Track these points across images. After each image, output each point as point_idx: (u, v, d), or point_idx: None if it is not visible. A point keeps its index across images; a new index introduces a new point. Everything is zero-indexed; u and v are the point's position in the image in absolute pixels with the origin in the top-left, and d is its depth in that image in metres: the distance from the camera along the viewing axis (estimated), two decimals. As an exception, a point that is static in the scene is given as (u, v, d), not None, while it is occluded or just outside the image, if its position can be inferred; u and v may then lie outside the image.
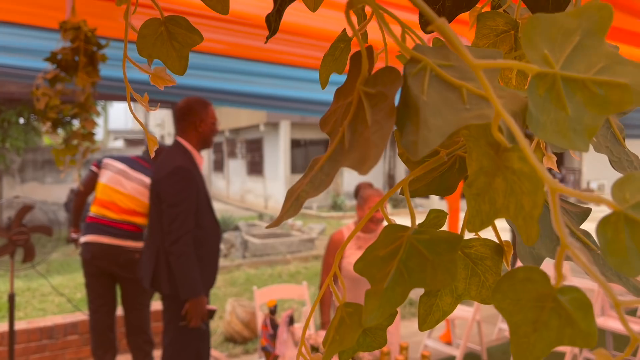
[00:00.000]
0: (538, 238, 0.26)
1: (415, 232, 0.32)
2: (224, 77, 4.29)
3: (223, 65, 4.03)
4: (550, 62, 0.26)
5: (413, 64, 0.28)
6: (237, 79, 4.36)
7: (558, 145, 0.26)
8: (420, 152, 0.26)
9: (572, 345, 0.25)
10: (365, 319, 0.29)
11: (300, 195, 0.31)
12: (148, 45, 0.43)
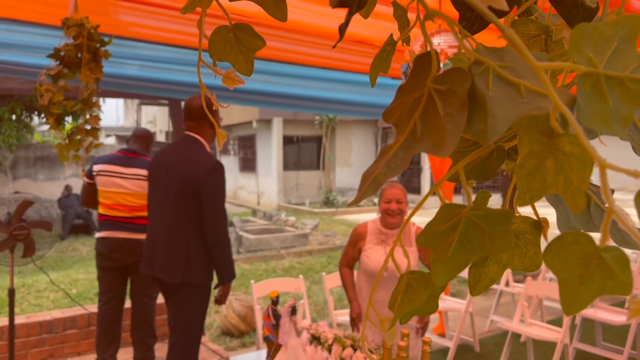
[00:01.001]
0: (585, 208, 0.32)
1: (472, 209, 0.37)
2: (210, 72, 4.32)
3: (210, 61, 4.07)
4: (595, 63, 0.32)
5: (477, 65, 0.34)
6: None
7: (601, 131, 0.32)
8: (490, 138, 0.31)
9: (612, 293, 0.31)
10: (435, 281, 0.35)
11: (377, 177, 0.36)
12: (218, 50, 0.48)
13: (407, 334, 2.33)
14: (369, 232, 3.21)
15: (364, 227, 3.25)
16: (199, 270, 3.01)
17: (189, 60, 4.01)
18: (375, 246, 3.15)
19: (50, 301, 6.57)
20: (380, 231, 3.18)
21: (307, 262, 8.62)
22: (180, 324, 3.10)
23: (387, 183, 3.22)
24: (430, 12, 0.34)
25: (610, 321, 4.60)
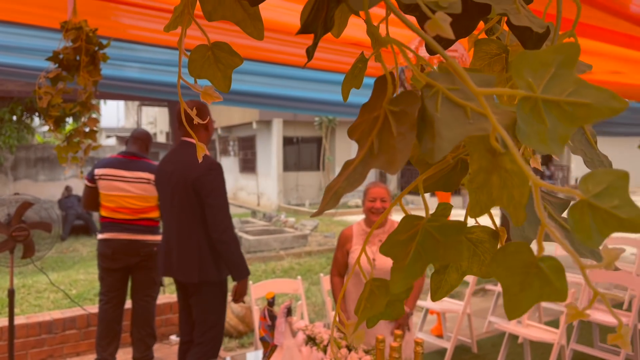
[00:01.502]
0: (525, 221, 0.35)
1: (429, 220, 0.40)
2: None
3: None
4: (533, 88, 0.34)
5: (428, 88, 0.37)
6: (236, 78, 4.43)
7: (539, 150, 0.35)
8: (436, 157, 0.34)
9: (549, 300, 0.34)
10: (392, 288, 0.38)
11: (337, 191, 0.39)
12: (197, 67, 0.51)
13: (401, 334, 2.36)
14: (355, 233, 3.26)
15: (349, 230, 3.30)
16: (212, 267, 3.13)
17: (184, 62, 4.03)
18: (361, 246, 3.18)
19: (50, 302, 6.59)
20: (366, 232, 3.22)
21: (307, 263, 8.65)
22: (202, 321, 3.22)
23: (371, 183, 3.26)
24: (383, 40, 0.37)
25: (607, 322, 4.62)
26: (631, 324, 4.56)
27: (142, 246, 3.75)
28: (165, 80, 4.24)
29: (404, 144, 0.35)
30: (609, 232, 0.33)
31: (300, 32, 0.44)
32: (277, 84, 4.76)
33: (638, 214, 0.33)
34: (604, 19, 2.97)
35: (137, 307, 3.90)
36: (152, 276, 3.86)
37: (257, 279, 7.31)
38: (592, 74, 4.70)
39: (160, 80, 4.23)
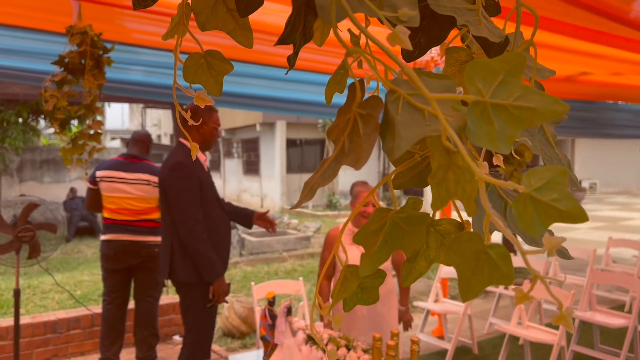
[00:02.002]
0: (477, 212, 0.39)
1: (397, 212, 0.44)
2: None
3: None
4: (483, 93, 0.39)
5: (391, 93, 0.41)
6: (233, 80, 4.48)
7: (488, 149, 0.39)
8: (395, 155, 0.38)
9: (498, 283, 0.38)
10: (361, 272, 0.42)
11: (313, 186, 0.43)
12: (191, 73, 0.56)
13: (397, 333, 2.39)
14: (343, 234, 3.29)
15: (336, 231, 3.33)
16: (182, 268, 3.10)
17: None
18: (349, 247, 3.23)
19: (55, 302, 6.65)
20: (353, 232, 3.25)
21: (309, 265, 8.69)
22: (186, 323, 3.23)
23: (361, 185, 3.30)
24: (350, 50, 0.41)
25: (608, 324, 4.64)
26: (631, 326, 4.58)
27: (143, 247, 3.80)
28: (168, 83, 4.30)
29: (369, 143, 0.40)
30: (549, 222, 0.37)
31: (278, 43, 0.48)
32: (280, 86, 4.81)
33: (575, 205, 0.37)
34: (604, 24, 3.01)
35: (139, 308, 3.95)
36: (154, 277, 3.91)
37: (259, 280, 7.36)
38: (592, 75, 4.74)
39: (163, 83, 4.29)
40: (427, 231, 0.48)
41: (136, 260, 3.80)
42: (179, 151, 3.18)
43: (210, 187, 3.18)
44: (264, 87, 4.73)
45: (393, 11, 0.40)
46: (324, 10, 0.39)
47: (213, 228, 3.14)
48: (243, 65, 4.17)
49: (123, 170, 3.81)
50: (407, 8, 0.39)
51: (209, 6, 0.54)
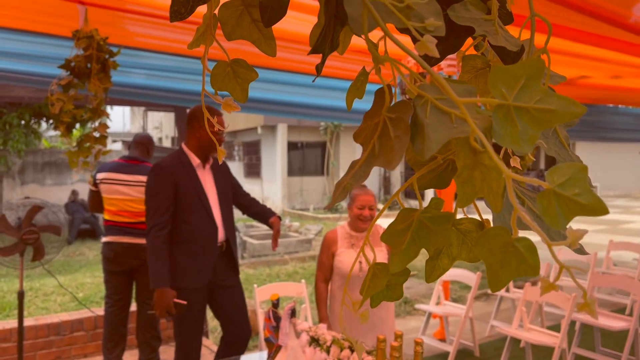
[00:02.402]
0: (503, 208, 0.41)
1: (422, 212, 0.47)
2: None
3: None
4: (506, 97, 0.41)
5: (419, 98, 0.43)
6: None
7: (512, 149, 0.42)
8: (426, 156, 0.41)
9: (524, 275, 0.40)
10: (391, 269, 0.44)
11: (345, 186, 0.46)
12: (219, 81, 0.58)
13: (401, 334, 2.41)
14: (340, 237, 3.31)
15: (334, 233, 3.34)
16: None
17: (193, 69, 4.12)
18: (347, 250, 3.24)
19: (57, 304, 6.67)
20: (350, 235, 3.27)
21: (311, 267, 8.71)
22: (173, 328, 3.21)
23: (358, 189, 3.32)
24: (380, 58, 0.44)
25: (609, 327, 4.65)
26: (632, 329, 4.60)
27: (142, 250, 3.81)
28: (170, 86, 4.32)
29: (400, 145, 0.42)
30: (572, 215, 0.40)
31: (311, 53, 0.51)
32: (283, 90, 4.84)
33: (596, 199, 0.39)
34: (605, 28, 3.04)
35: (141, 311, 3.96)
36: None
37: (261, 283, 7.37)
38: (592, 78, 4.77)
39: (166, 87, 4.31)
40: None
41: (136, 262, 3.81)
42: (173, 154, 3.18)
43: (195, 192, 3.09)
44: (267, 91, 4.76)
45: (420, 21, 0.42)
46: (355, 21, 0.41)
47: (190, 235, 3.07)
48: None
49: (123, 173, 3.84)
50: (433, 18, 0.42)
51: (234, 17, 0.56)
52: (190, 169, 3.12)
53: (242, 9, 0.56)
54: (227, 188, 3.32)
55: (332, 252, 3.29)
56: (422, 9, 0.42)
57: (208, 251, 3.13)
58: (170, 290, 2.96)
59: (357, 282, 3.19)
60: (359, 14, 0.41)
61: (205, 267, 3.13)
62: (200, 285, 3.12)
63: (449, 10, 0.49)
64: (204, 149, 3.16)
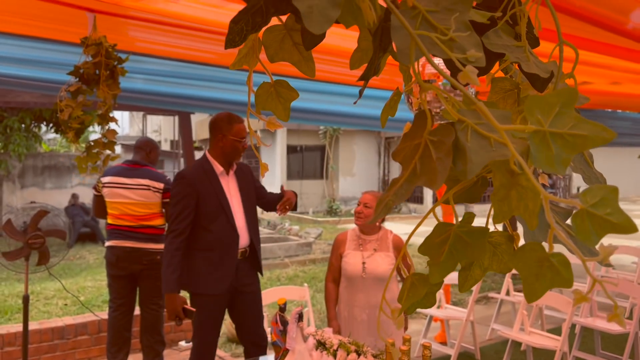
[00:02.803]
0: (537, 226, 0.45)
1: (459, 226, 0.50)
2: (221, 87, 4.46)
3: (220, 76, 4.21)
4: (542, 123, 0.45)
5: (460, 122, 0.47)
6: (235, 89, 4.54)
7: (547, 171, 0.45)
8: (468, 177, 0.44)
9: (558, 286, 0.44)
10: (431, 279, 0.48)
11: (387, 203, 0.49)
12: (262, 101, 0.62)
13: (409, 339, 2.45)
14: (349, 238, 3.35)
15: (344, 235, 3.39)
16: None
17: (192, 74, 4.14)
18: (354, 251, 3.28)
19: (59, 308, 6.68)
20: (359, 237, 3.31)
21: (311, 271, 8.73)
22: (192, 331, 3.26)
23: (367, 192, 3.36)
24: (424, 86, 0.47)
25: (609, 330, 4.69)
26: (632, 332, 4.64)
27: (144, 254, 3.83)
28: (169, 91, 4.33)
29: (443, 167, 0.46)
30: (604, 233, 0.43)
31: (361, 79, 0.54)
32: None
33: (626, 218, 0.43)
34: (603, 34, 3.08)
35: (145, 315, 3.98)
36: (157, 284, 3.89)
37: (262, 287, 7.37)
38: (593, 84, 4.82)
39: (164, 91, 4.31)
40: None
41: (138, 267, 3.83)
42: (197, 162, 3.25)
43: (217, 201, 3.14)
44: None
45: (462, 52, 0.46)
46: (403, 52, 0.45)
47: (212, 242, 3.13)
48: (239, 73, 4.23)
49: (124, 176, 3.88)
50: (474, 50, 0.46)
51: (277, 41, 0.60)
52: (213, 176, 3.17)
53: (285, 33, 0.59)
54: (251, 192, 3.38)
55: (340, 253, 3.33)
56: (463, 41, 0.46)
57: (228, 259, 3.18)
58: (179, 297, 3.02)
59: (360, 283, 3.22)
60: (406, 46, 0.44)
61: (225, 274, 3.18)
62: (220, 292, 3.17)
63: (484, 38, 0.52)
64: (227, 156, 3.20)
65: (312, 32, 0.43)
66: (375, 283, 3.21)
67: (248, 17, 0.52)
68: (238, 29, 0.53)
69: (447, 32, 0.45)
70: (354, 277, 3.24)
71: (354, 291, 3.26)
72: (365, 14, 0.46)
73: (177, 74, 4.13)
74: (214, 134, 3.19)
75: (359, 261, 3.22)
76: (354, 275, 3.23)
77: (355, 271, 3.22)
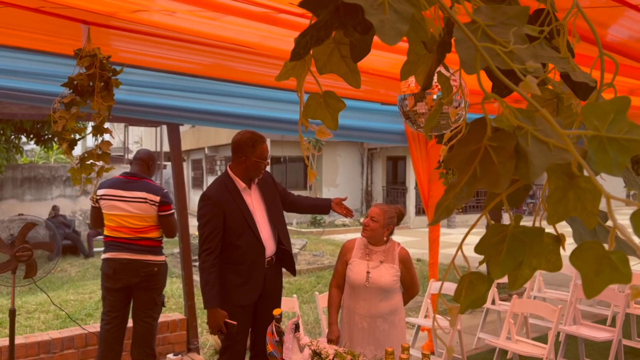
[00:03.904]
0: (597, 225, 0.48)
1: (514, 227, 0.53)
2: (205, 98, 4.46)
3: (204, 87, 4.23)
4: (599, 129, 0.48)
5: (519, 128, 0.50)
6: (223, 100, 4.55)
7: (604, 172, 0.48)
8: (531, 179, 0.47)
9: (617, 282, 0.47)
10: (493, 277, 0.51)
11: (448, 205, 0.52)
12: (312, 111, 0.64)
13: (407, 347, 2.47)
14: (356, 246, 3.39)
15: (352, 242, 3.43)
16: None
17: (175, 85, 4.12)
18: (359, 260, 3.31)
19: (41, 322, 6.57)
20: (366, 247, 3.35)
21: (297, 282, 8.72)
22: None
23: (374, 205, 3.41)
24: (488, 95, 0.51)
25: (593, 338, 4.77)
26: (616, 339, 4.72)
27: (142, 266, 3.82)
28: (150, 101, 4.30)
29: (505, 170, 0.49)
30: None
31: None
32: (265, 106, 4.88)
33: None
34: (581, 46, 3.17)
35: (137, 328, 3.95)
36: (153, 297, 3.92)
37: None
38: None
39: (146, 102, 4.27)
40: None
41: (135, 279, 3.81)
42: (217, 180, 3.36)
43: (242, 217, 3.26)
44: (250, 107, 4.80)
45: (521, 64, 0.49)
46: (467, 64, 0.48)
47: (241, 256, 3.25)
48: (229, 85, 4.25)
49: (121, 189, 3.86)
50: (532, 61, 0.49)
51: (326, 54, 0.63)
52: (236, 194, 3.29)
53: (333, 46, 0.62)
54: (275, 201, 3.49)
55: (346, 260, 3.37)
56: (521, 53, 0.49)
57: (257, 270, 3.31)
58: (221, 311, 3.15)
59: (363, 292, 3.25)
60: (470, 57, 0.47)
61: (255, 285, 3.32)
62: (249, 303, 3.31)
63: (531, 50, 0.56)
64: (250, 174, 3.34)
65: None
66: (377, 293, 3.24)
67: (314, 31, 0.55)
68: (304, 42, 0.56)
69: (507, 45, 0.48)
70: (357, 285, 3.27)
71: (356, 299, 3.29)
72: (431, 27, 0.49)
73: (164, 85, 4.12)
74: (238, 155, 3.31)
75: (363, 270, 3.26)
76: (357, 283, 3.26)
77: (359, 280, 3.25)
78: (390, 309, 3.28)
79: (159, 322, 4.69)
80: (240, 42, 3.11)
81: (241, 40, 3.09)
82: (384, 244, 3.34)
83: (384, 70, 3.48)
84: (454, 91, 0.60)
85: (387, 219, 3.32)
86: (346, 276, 3.34)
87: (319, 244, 13.05)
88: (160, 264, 3.88)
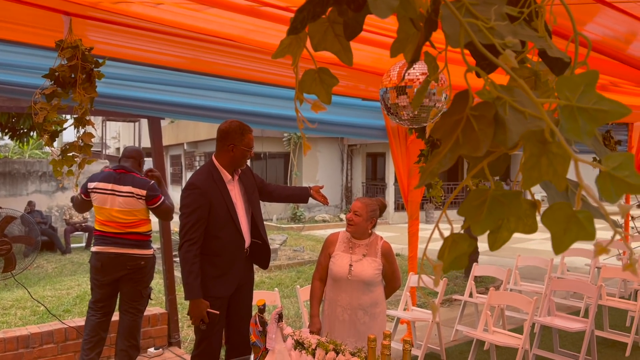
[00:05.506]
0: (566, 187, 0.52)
1: (494, 191, 0.58)
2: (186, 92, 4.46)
3: (183, 80, 4.23)
4: (571, 99, 0.53)
5: (499, 99, 0.55)
6: (200, 93, 4.55)
7: (574, 140, 0.53)
8: (509, 145, 0.52)
9: (583, 239, 0.52)
10: (475, 232, 0.55)
11: (432, 170, 0.56)
12: (307, 86, 0.68)
13: (389, 334, 2.53)
14: (340, 240, 3.44)
15: (335, 235, 3.47)
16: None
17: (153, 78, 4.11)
18: (342, 253, 3.36)
19: (17, 318, 6.51)
20: (350, 240, 3.39)
21: (277, 277, 8.75)
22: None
23: (357, 200, 3.46)
24: (471, 67, 0.55)
25: (566, 328, 4.90)
26: (588, 330, 4.85)
27: (129, 260, 3.85)
28: (132, 95, 4.27)
29: (485, 136, 0.53)
30: (622, 192, 0.51)
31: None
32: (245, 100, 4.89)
33: None
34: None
35: (123, 319, 4.00)
36: (139, 289, 3.95)
37: (229, 294, 7.35)
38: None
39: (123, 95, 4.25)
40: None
41: (122, 272, 3.85)
42: (203, 169, 3.33)
43: (227, 210, 3.25)
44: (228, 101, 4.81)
45: (501, 39, 0.53)
46: (452, 39, 0.52)
47: (220, 248, 3.25)
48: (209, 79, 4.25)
49: (112, 182, 3.89)
50: (511, 37, 0.53)
51: (321, 32, 0.67)
52: (222, 185, 3.28)
53: (328, 25, 0.66)
54: (255, 193, 3.50)
55: (329, 253, 3.41)
56: (502, 29, 0.53)
57: (237, 262, 3.34)
58: (204, 301, 3.16)
59: (346, 285, 3.30)
60: (455, 32, 0.52)
61: (234, 277, 3.34)
62: (227, 294, 3.32)
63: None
64: (236, 164, 3.33)
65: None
66: (360, 286, 3.29)
67: (311, 7, 0.59)
68: (301, 17, 0.60)
69: (488, 22, 0.53)
70: (339, 277, 3.32)
71: (338, 291, 3.34)
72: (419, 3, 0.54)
73: (145, 78, 4.11)
74: (224, 142, 3.29)
75: (346, 263, 3.30)
76: (339, 276, 3.31)
77: (342, 272, 3.30)
78: (371, 301, 3.33)
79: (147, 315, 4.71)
80: (223, 34, 3.13)
81: (224, 33, 3.11)
82: (368, 237, 3.39)
83: (366, 64, 3.53)
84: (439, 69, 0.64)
85: (370, 211, 3.37)
86: (329, 269, 3.38)
87: (299, 239, 13.09)
88: (147, 257, 3.92)
